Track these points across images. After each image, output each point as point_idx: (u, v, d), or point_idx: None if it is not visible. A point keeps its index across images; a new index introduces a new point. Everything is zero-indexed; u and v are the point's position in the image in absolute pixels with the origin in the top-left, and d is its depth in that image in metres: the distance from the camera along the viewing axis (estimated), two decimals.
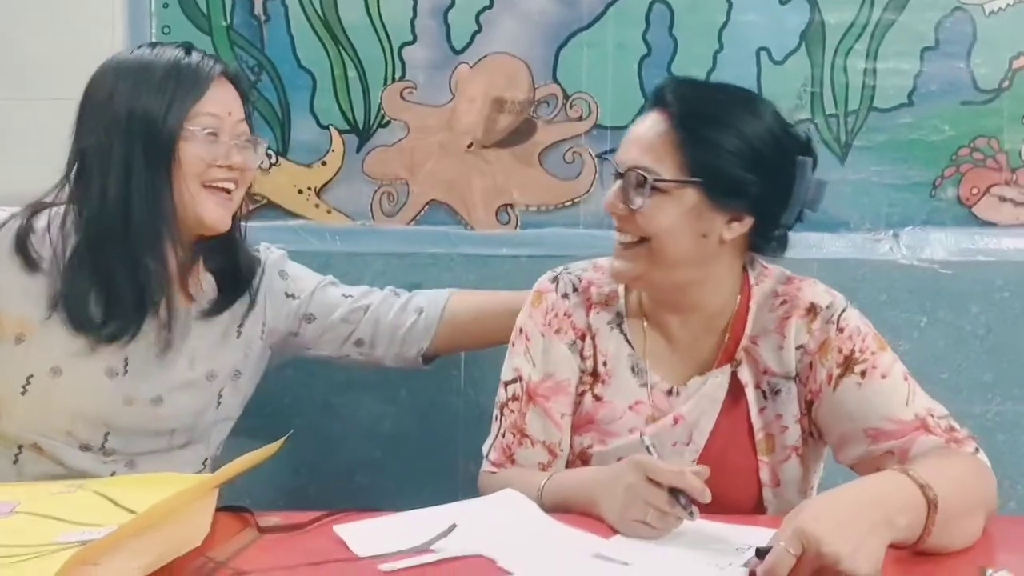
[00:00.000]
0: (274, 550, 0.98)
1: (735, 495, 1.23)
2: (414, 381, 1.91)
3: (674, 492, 1.05)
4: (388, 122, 1.87)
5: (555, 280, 1.37)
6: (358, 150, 1.88)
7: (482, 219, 1.89)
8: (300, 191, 1.89)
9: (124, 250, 1.28)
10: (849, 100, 1.85)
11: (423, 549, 0.97)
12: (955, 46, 1.84)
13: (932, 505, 1.00)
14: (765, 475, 1.28)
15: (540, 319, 1.34)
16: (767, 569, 0.93)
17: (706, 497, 1.04)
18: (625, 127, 1.86)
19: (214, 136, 1.31)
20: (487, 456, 1.34)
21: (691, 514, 1.04)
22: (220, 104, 1.32)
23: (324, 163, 1.89)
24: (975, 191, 1.86)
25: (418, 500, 1.20)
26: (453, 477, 1.89)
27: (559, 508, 1.17)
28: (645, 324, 1.33)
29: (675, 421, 1.28)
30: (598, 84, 1.86)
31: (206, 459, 1.42)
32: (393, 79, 1.87)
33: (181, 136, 1.28)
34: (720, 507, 1.09)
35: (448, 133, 1.87)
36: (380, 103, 1.87)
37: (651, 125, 1.25)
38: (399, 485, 1.87)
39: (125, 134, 1.27)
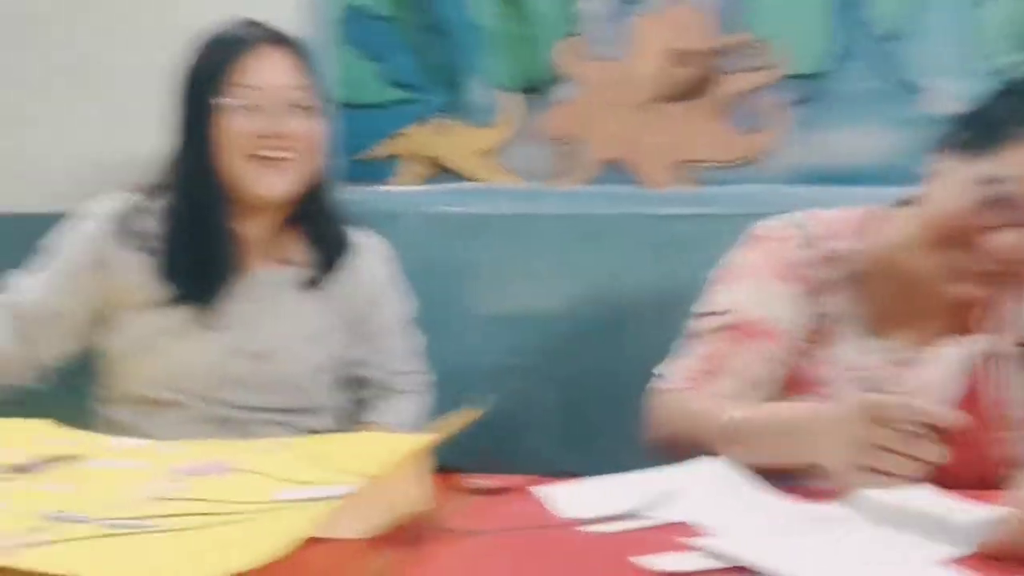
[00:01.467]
0: (480, 513, 0.95)
1: (970, 474, 1.12)
2: (587, 346, 1.87)
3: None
4: (563, 79, 1.82)
5: (789, 227, 1.27)
6: (532, 109, 1.84)
7: (661, 178, 1.81)
8: (474, 153, 1.87)
9: (195, 222, 1.34)
10: None
11: (630, 515, 0.92)
12: None
13: None
14: (1007, 452, 1.17)
15: (766, 260, 1.25)
16: (998, 534, 0.84)
17: (956, 421, 0.93)
18: (816, 75, 1.79)
19: (255, 107, 1.32)
20: (671, 377, 1.25)
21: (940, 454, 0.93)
22: (260, 74, 1.33)
23: (498, 124, 1.85)
24: None
25: (605, 466, 1.16)
26: (632, 445, 1.85)
27: (747, 447, 1.05)
28: (882, 284, 1.22)
29: (906, 391, 1.18)
30: (786, 31, 1.74)
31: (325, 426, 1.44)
32: (567, 34, 1.81)
33: (219, 110, 1.32)
34: (953, 486, 0.99)
35: (625, 88, 1.80)
36: (554, 60, 1.82)
37: None
38: (582, 452, 1.84)
39: (183, 110, 1.35)
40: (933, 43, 1.73)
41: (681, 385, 1.23)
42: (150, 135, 1.44)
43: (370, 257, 1.49)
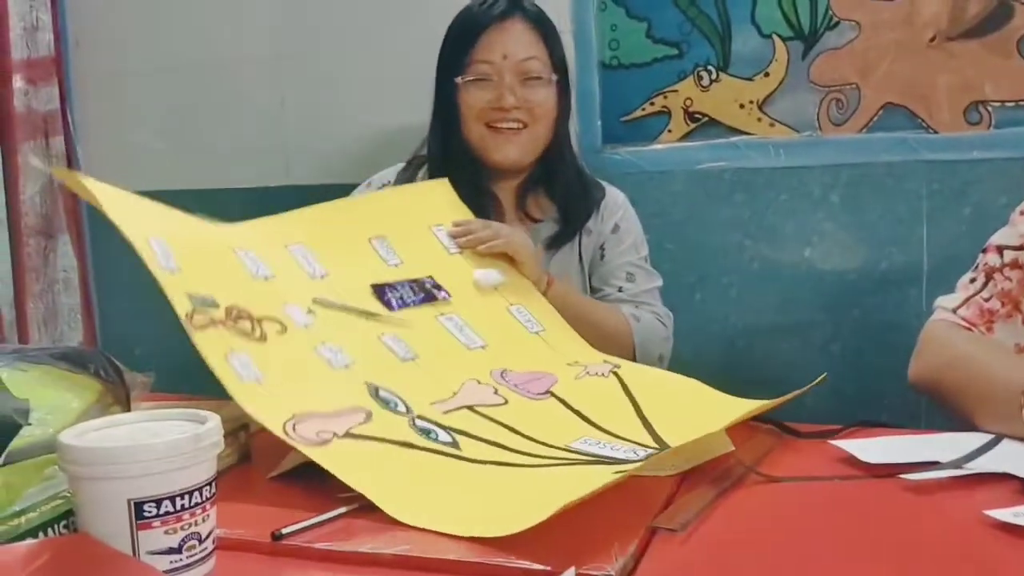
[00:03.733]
0: (785, 461, 0.95)
1: None
2: (868, 300, 1.81)
3: None
4: (837, 23, 1.75)
5: None
6: (803, 57, 1.78)
7: (948, 120, 1.71)
8: (741, 105, 1.84)
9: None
10: None
11: (947, 465, 0.89)
12: None
13: None
14: None
15: None
16: None
17: None
18: None
19: (487, 81, 1.43)
20: (954, 309, 1.15)
21: None
22: (492, 49, 1.42)
23: (767, 74, 1.81)
24: None
25: (897, 423, 1.12)
26: (907, 402, 1.77)
27: None
28: None
29: None
30: None
31: None
32: None
33: (459, 86, 1.43)
34: None
35: (906, 28, 1.70)
36: (828, 3, 1.75)
37: None
38: (852, 408, 1.78)
39: (436, 87, 1.48)
40: None
41: (961, 322, 1.14)
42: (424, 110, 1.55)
43: (609, 210, 1.54)
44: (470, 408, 1.01)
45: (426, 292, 1.19)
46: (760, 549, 0.75)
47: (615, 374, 1.12)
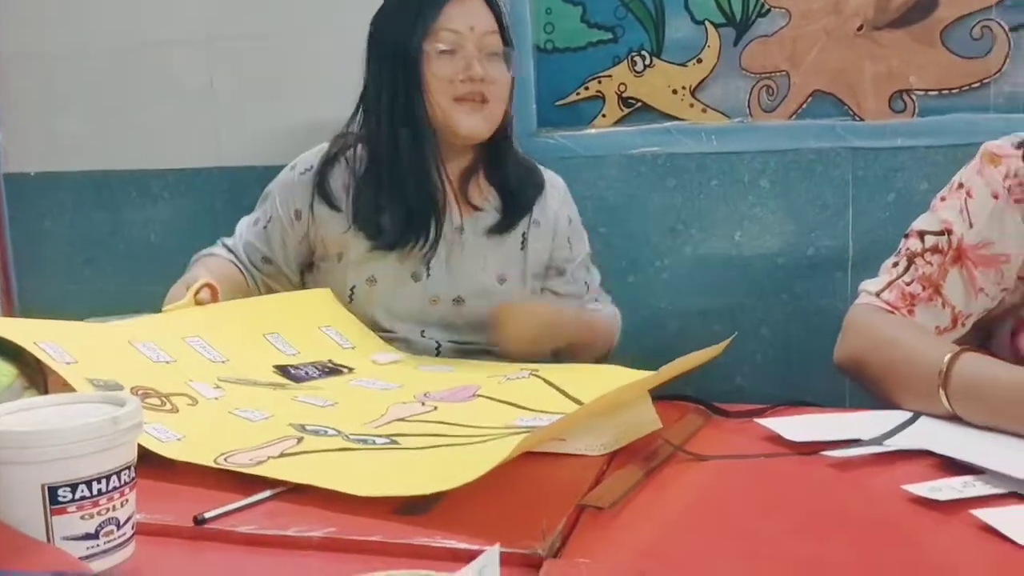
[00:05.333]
0: (713, 440, 0.97)
1: None
2: (796, 284, 1.84)
3: None
4: (768, 10, 1.77)
5: (1022, 145, 1.16)
6: (735, 44, 1.80)
7: (874, 108, 1.74)
8: (674, 91, 1.85)
9: (400, 170, 1.38)
10: None
11: (868, 442, 0.91)
12: None
13: None
14: None
15: (997, 181, 1.14)
16: None
17: None
18: None
19: (452, 52, 1.37)
20: (877, 293, 1.17)
21: None
22: (458, 20, 1.37)
23: (699, 60, 1.83)
24: None
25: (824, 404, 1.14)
26: (834, 383, 1.81)
27: (968, 398, 0.97)
28: None
29: None
30: None
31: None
32: None
33: (423, 56, 1.37)
34: None
35: (835, 17, 1.73)
36: None
37: None
38: (780, 390, 1.81)
39: (385, 60, 1.39)
40: None
41: (884, 305, 1.16)
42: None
43: (554, 198, 1.53)
44: (401, 419, 1.01)
45: (330, 369, 1.20)
46: (687, 526, 0.76)
47: (534, 375, 1.14)
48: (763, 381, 1.89)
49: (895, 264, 1.18)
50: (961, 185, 1.17)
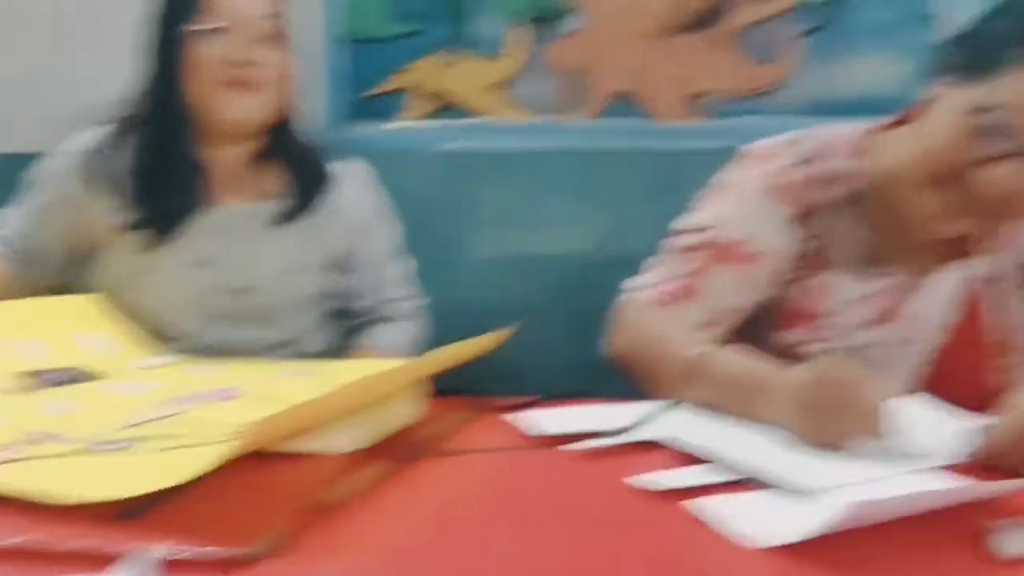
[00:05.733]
0: (474, 435, 0.95)
1: (965, 400, 1.09)
2: (598, 282, 1.86)
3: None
4: (571, 11, 1.79)
5: (786, 145, 1.19)
6: (541, 41, 1.81)
7: (671, 110, 1.78)
8: (481, 87, 1.84)
9: (164, 152, 1.32)
10: None
11: (611, 433, 0.91)
12: None
13: None
14: (999, 379, 1.15)
15: (759, 180, 1.17)
16: (989, 438, 0.85)
17: (896, 420, 0.88)
18: (830, 3, 1.73)
19: (226, 33, 1.30)
20: (644, 289, 1.19)
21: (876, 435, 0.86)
22: (229, 1, 1.31)
23: (506, 57, 1.82)
24: None
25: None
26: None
27: (715, 389, 1.00)
28: (879, 211, 1.15)
29: (905, 320, 1.15)
30: None
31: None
32: None
33: (189, 36, 1.30)
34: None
35: (634, 19, 1.76)
36: None
37: None
38: (584, 385, 1.83)
39: (153, 41, 1.33)
40: None
41: (649, 301, 1.17)
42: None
43: (351, 187, 1.48)
44: (147, 422, 0.93)
45: (81, 375, 1.12)
46: (421, 522, 0.74)
47: (311, 373, 1.09)
48: (568, 378, 1.90)
49: (662, 261, 1.20)
50: (726, 183, 1.20)
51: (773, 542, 0.68)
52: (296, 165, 1.42)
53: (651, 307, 1.16)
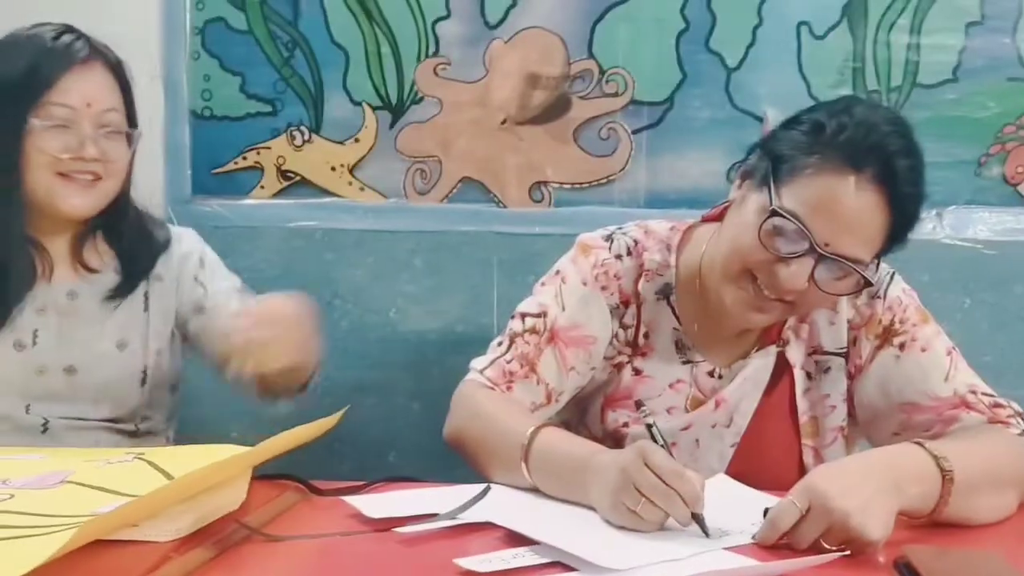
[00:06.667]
0: (300, 519, 0.97)
1: (776, 479, 1.18)
2: (447, 360, 1.91)
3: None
4: (421, 98, 1.86)
5: (609, 239, 1.28)
6: (391, 127, 1.87)
7: (515, 197, 1.87)
8: (333, 168, 1.89)
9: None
10: (892, 76, 1.81)
11: (442, 517, 0.95)
12: (1001, 21, 1.79)
13: (947, 477, 0.98)
14: (808, 458, 1.25)
15: (586, 270, 1.26)
16: (771, 519, 0.92)
17: (698, 505, 0.94)
18: (662, 103, 1.87)
19: (66, 128, 1.30)
20: (481, 371, 1.24)
21: (703, 530, 0.94)
22: (76, 94, 1.31)
23: (357, 140, 1.88)
24: (1020, 170, 1.81)
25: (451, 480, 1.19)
26: None
27: (542, 470, 1.06)
28: (692, 302, 1.25)
29: (717, 404, 1.24)
30: (635, 59, 1.83)
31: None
32: (426, 55, 1.85)
33: (27, 128, 1.29)
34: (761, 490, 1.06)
35: (482, 109, 1.85)
36: (413, 79, 1.86)
37: (871, 211, 1.08)
38: (431, 464, 1.86)
39: None
40: (772, 74, 1.83)
41: (486, 382, 1.22)
42: None
43: (176, 250, 1.47)
44: None
45: None
46: None
47: (140, 458, 1.08)
48: (417, 456, 1.93)
49: (500, 343, 1.26)
50: (558, 272, 1.29)
51: None
52: (127, 238, 1.42)
53: (485, 388, 1.22)
